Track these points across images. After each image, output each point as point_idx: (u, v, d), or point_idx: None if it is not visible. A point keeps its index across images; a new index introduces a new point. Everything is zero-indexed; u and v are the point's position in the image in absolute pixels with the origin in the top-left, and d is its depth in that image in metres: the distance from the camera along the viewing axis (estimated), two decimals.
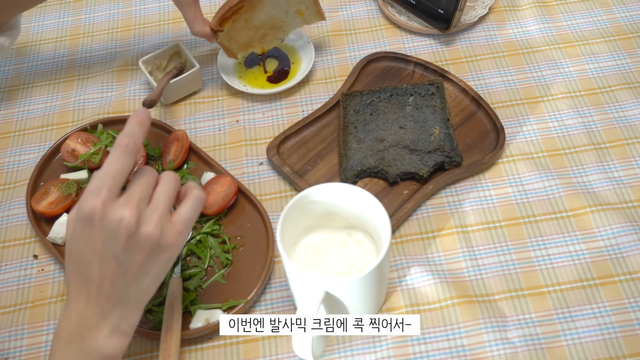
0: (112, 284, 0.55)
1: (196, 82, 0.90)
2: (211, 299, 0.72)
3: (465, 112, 0.85)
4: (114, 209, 0.54)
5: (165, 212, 0.56)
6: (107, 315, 0.56)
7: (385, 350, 0.68)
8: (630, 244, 0.73)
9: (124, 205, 0.54)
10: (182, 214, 0.58)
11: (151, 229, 0.55)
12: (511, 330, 0.68)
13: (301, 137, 0.84)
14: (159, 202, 0.56)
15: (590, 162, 0.80)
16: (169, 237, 0.56)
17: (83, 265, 0.55)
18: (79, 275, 0.56)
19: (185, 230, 0.58)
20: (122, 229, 0.53)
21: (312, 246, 0.69)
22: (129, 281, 0.56)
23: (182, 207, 0.58)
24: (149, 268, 0.56)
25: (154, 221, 0.55)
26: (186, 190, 0.60)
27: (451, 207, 0.78)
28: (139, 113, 0.58)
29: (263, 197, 0.80)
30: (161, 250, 0.56)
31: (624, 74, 0.89)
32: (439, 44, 0.94)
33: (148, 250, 0.55)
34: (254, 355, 0.69)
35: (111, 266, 0.55)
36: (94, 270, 0.55)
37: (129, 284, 0.56)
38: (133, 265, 0.55)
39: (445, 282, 0.71)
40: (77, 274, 0.56)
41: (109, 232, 0.54)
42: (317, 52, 0.93)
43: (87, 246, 0.54)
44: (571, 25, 0.95)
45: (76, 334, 0.56)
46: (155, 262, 0.56)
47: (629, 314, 0.68)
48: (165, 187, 0.58)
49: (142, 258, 0.55)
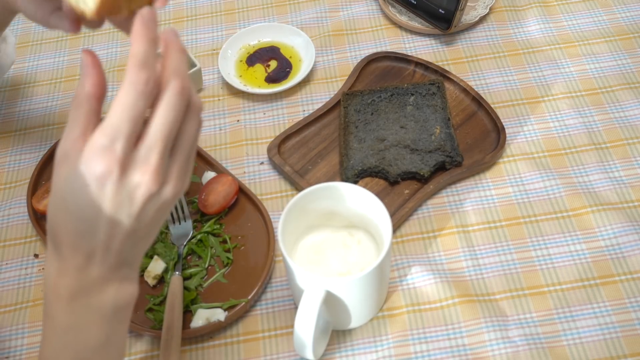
0: (121, 243, 0.49)
1: (197, 81, 0.90)
2: (212, 298, 0.72)
3: (466, 111, 0.85)
4: (133, 173, 0.46)
5: (186, 163, 0.49)
6: (115, 270, 0.50)
7: (387, 349, 0.68)
8: (631, 244, 0.73)
9: (145, 170, 0.46)
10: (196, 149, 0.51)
11: (172, 191, 0.48)
12: (512, 330, 0.68)
13: (302, 137, 0.84)
14: (183, 153, 0.49)
15: (591, 162, 0.80)
16: (185, 183, 0.50)
17: (83, 221, 0.47)
18: (76, 230, 0.48)
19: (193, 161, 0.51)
20: (140, 196, 0.46)
21: (312, 245, 0.69)
22: (139, 239, 0.50)
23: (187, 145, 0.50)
24: (160, 222, 0.51)
25: (175, 181, 0.48)
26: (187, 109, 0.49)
27: (452, 206, 0.78)
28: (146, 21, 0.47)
29: (264, 196, 0.80)
30: (176, 200, 0.50)
31: (625, 74, 0.89)
32: (440, 43, 0.94)
33: (163, 212, 0.49)
34: (255, 355, 0.69)
35: (122, 227, 0.48)
36: (100, 230, 0.47)
37: (140, 241, 0.50)
38: (146, 225, 0.49)
39: (446, 281, 0.71)
40: (72, 228, 0.48)
41: (124, 197, 0.46)
42: (317, 51, 0.93)
43: (93, 204, 0.47)
44: (572, 25, 0.95)
45: (80, 290, 0.49)
46: (165, 215, 0.51)
47: (630, 314, 0.68)
48: (191, 128, 0.49)
49: (157, 217, 0.49)
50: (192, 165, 0.50)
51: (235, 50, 0.94)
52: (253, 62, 0.93)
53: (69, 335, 0.50)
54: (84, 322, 0.50)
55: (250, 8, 1.01)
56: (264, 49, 0.94)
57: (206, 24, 1.00)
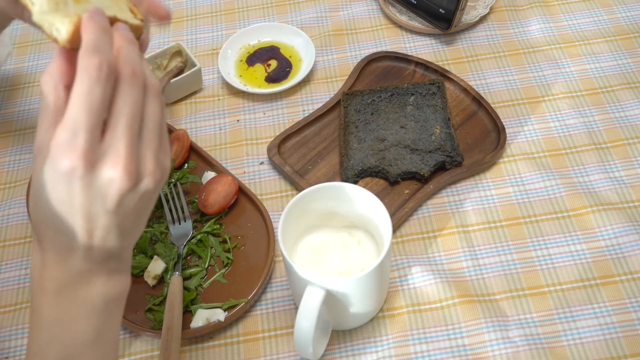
0: (104, 238, 0.46)
1: (197, 81, 0.90)
2: (212, 298, 0.72)
3: (466, 111, 0.85)
4: (101, 169, 0.44)
5: (158, 147, 0.47)
6: (102, 263, 0.48)
7: (387, 349, 0.67)
8: (631, 244, 0.73)
9: (114, 163, 0.43)
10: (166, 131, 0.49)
11: (151, 183, 0.46)
12: (512, 330, 0.68)
13: (302, 137, 0.84)
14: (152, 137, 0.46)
15: (591, 162, 0.80)
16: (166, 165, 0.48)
17: (59, 217, 0.45)
18: (54, 225, 0.46)
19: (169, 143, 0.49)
20: (114, 191, 0.44)
21: (313, 245, 0.69)
22: (125, 231, 0.47)
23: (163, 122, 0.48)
24: (146, 211, 0.48)
25: (151, 169, 0.46)
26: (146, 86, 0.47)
27: (452, 206, 0.78)
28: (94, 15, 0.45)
29: (264, 196, 0.80)
30: (160, 185, 0.48)
31: (625, 74, 0.88)
32: (440, 43, 0.94)
33: (147, 201, 0.47)
34: (255, 355, 0.68)
35: (101, 223, 0.46)
36: (76, 225, 0.45)
37: (126, 233, 0.48)
38: (129, 217, 0.47)
39: (446, 281, 0.71)
40: (50, 223, 0.46)
41: (95, 193, 0.44)
42: (317, 51, 0.93)
43: (64, 201, 0.44)
44: (572, 25, 0.95)
45: (66, 283, 0.47)
46: (151, 204, 0.48)
47: (630, 314, 0.68)
48: (153, 109, 0.47)
49: (141, 208, 0.47)
50: (167, 148, 0.48)
51: (235, 50, 0.94)
52: (253, 62, 0.93)
53: (55, 330, 0.48)
54: (71, 316, 0.48)
55: (250, 8, 1.01)
56: (264, 48, 0.94)
57: (206, 23, 1.00)
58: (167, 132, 0.49)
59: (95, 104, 0.43)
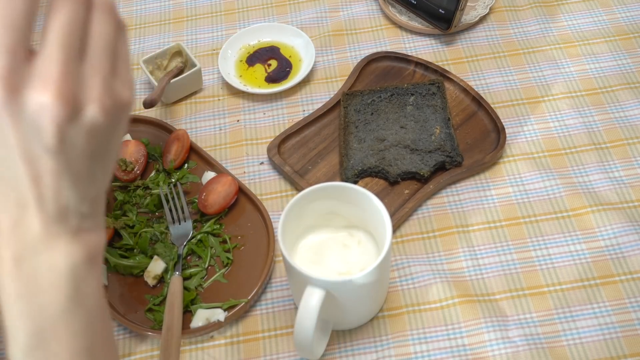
0: (54, 187, 0.40)
1: (197, 81, 0.90)
2: (212, 298, 0.72)
3: (466, 111, 0.85)
4: (28, 94, 0.37)
5: (110, 73, 0.40)
6: (60, 222, 0.41)
7: (387, 349, 0.68)
8: (631, 244, 0.73)
9: (43, 85, 0.36)
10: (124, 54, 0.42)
11: (98, 112, 0.38)
12: (512, 330, 0.68)
13: (302, 137, 0.84)
14: (99, 59, 0.39)
15: (591, 162, 0.80)
16: (123, 96, 0.41)
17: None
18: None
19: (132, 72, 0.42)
20: (47, 121, 0.37)
21: (312, 246, 0.69)
22: (79, 178, 0.41)
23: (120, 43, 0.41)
24: (103, 153, 0.41)
25: (98, 95, 0.39)
26: None
27: (452, 206, 0.78)
28: None
29: (264, 196, 0.80)
30: (117, 120, 0.40)
31: (625, 74, 0.89)
32: (440, 43, 0.94)
33: (100, 139, 0.40)
34: (255, 355, 0.68)
35: (45, 165, 0.39)
36: (20, 172, 0.39)
37: (80, 181, 0.41)
38: (79, 159, 0.40)
39: (446, 281, 0.71)
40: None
41: (27, 125, 0.37)
42: (317, 51, 0.93)
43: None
44: (572, 25, 0.95)
45: (24, 251, 0.41)
46: (113, 138, 0.41)
47: (630, 314, 0.68)
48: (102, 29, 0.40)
49: (93, 147, 0.40)
50: (127, 79, 0.41)
51: (235, 50, 0.94)
52: (253, 62, 0.93)
53: (21, 304, 0.42)
54: (36, 287, 0.41)
55: (250, 8, 1.01)
56: (263, 49, 0.94)
57: (206, 24, 1.00)
58: (127, 60, 0.42)
59: (17, 17, 0.36)
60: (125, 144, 0.82)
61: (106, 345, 0.46)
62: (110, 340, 0.47)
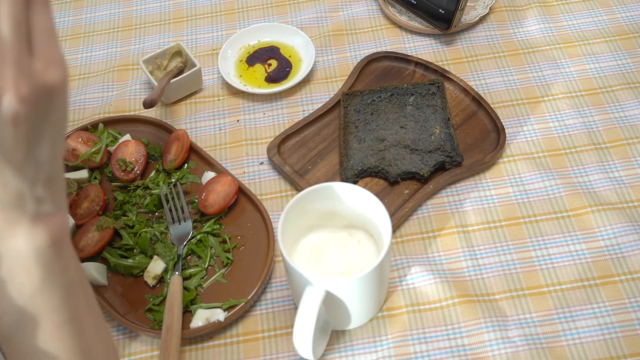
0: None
1: (197, 81, 0.90)
2: (211, 298, 0.72)
3: (465, 111, 0.85)
4: None
5: (22, 55, 0.36)
6: (13, 209, 0.41)
7: (386, 349, 0.68)
8: (630, 244, 0.73)
9: None
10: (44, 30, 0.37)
11: (14, 102, 0.36)
12: (512, 330, 0.68)
13: (302, 137, 0.84)
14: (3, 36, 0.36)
15: (591, 162, 0.80)
16: (48, 79, 0.37)
17: None
18: None
19: (59, 49, 0.38)
20: None
21: (312, 245, 0.69)
22: (21, 167, 0.39)
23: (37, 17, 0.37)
24: (40, 134, 0.39)
25: (11, 81, 0.35)
26: None
27: (452, 206, 0.78)
28: None
29: (263, 196, 0.80)
30: (43, 105, 0.38)
31: (625, 74, 0.89)
32: (440, 43, 0.94)
33: (30, 125, 0.38)
34: (254, 355, 0.68)
35: None
36: None
37: (25, 169, 0.40)
38: (15, 151, 0.38)
39: (445, 281, 0.71)
40: None
41: None
42: (317, 51, 0.93)
43: None
44: (572, 25, 0.95)
45: None
46: (46, 121, 0.39)
47: (630, 314, 0.68)
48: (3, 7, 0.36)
49: (21, 132, 0.37)
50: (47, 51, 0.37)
51: (235, 50, 0.94)
52: (253, 62, 0.93)
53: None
54: (8, 271, 0.42)
55: (250, 8, 1.01)
56: (263, 49, 0.94)
57: (206, 24, 1.00)
58: (49, 34, 0.38)
59: None
60: (125, 144, 0.82)
61: (88, 313, 0.47)
62: (93, 308, 0.48)
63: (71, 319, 0.45)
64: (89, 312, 0.47)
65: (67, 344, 0.45)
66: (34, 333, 0.44)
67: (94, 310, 0.48)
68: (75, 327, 0.46)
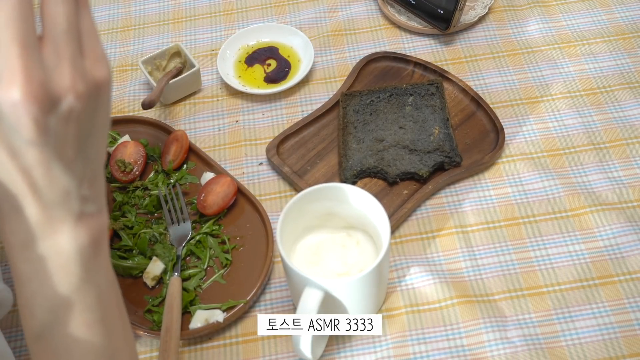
0: (45, 176, 0.40)
1: (196, 82, 0.90)
2: (211, 299, 0.72)
3: (464, 112, 0.85)
4: None
5: (77, 53, 0.38)
6: (58, 207, 0.42)
7: (385, 350, 0.68)
8: (630, 244, 0.73)
9: (8, 83, 0.36)
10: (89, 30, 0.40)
11: (73, 100, 0.38)
12: (511, 330, 0.68)
13: (301, 137, 0.84)
14: (63, 41, 0.38)
15: (590, 162, 0.80)
16: (97, 76, 0.40)
17: None
18: None
19: (103, 47, 0.41)
20: (23, 118, 0.36)
21: (311, 246, 0.69)
22: (71, 165, 0.41)
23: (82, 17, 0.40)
24: (89, 131, 0.41)
25: (69, 82, 0.38)
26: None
27: (451, 207, 0.78)
28: None
29: (262, 197, 0.80)
30: (96, 100, 0.40)
31: (624, 74, 0.88)
32: (439, 44, 0.94)
33: (84, 121, 0.40)
34: (254, 355, 0.69)
35: (31, 157, 0.39)
36: (6, 166, 0.39)
37: (74, 167, 0.41)
38: (67, 147, 0.40)
39: (444, 282, 0.71)
40: None
41: (6, 123, 0.37)
42: (316, 52, 0.93)
43: None
44: (571, 25, 0.95)
45: (28, 236, 0.42)
46: (96, 116, 0.41)
47: (629, 314, 0.68)
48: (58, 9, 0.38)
49: (74, 129, 0.39)
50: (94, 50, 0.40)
51: (234, 51, 0.94)
52: (252, 62, 0.93)
53: (34, 285, 0.43)
54: (46, 269, 0.43)
55: (249, 8, 1.01)
56: (262, 49, 0.94)
57: (205, 24, 1.00)
58: (94, 34, 0.40)
59: None
60: (124, 145, 0.82)
61: (118, 313, 0.48)
62: (121, 308, 0.49)
63: (102, 319, 0.46)
64: (118, 311, 0.48)
65: (96, 343, 0.46)
66: (66, 331, 0.45)
67: (122, 311, 0.49)
68: (105, 327, 0.46)
